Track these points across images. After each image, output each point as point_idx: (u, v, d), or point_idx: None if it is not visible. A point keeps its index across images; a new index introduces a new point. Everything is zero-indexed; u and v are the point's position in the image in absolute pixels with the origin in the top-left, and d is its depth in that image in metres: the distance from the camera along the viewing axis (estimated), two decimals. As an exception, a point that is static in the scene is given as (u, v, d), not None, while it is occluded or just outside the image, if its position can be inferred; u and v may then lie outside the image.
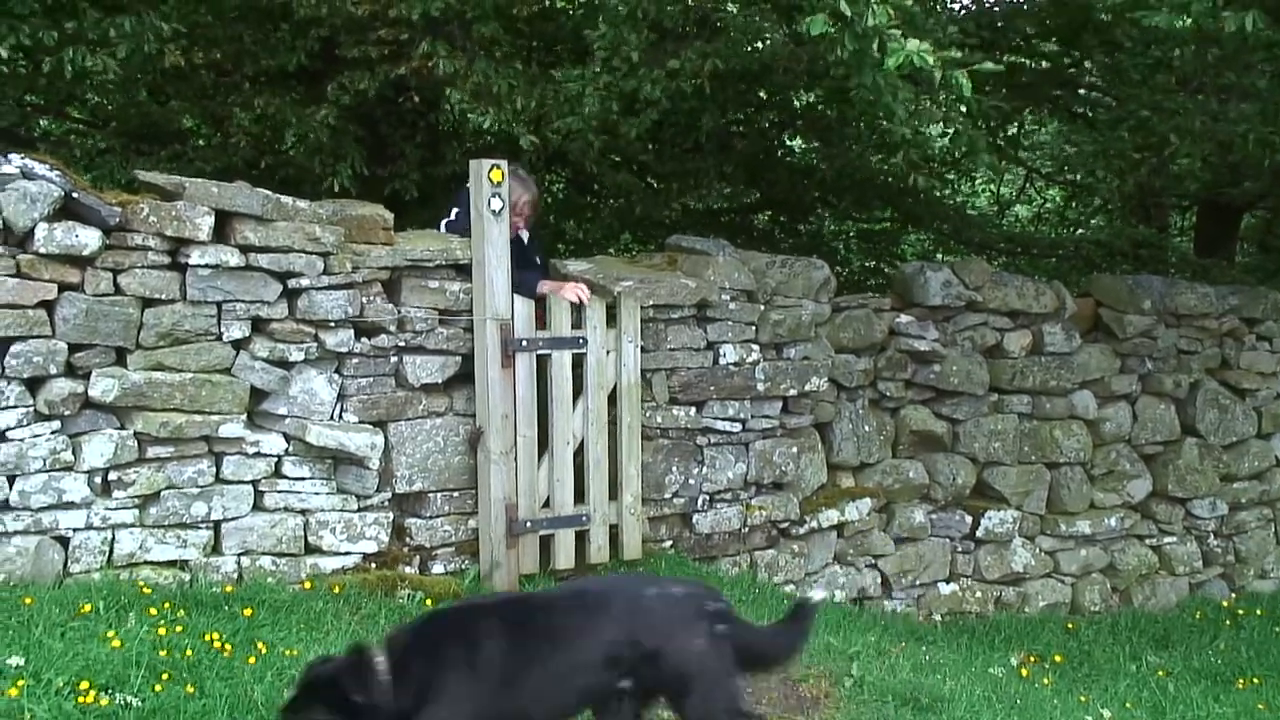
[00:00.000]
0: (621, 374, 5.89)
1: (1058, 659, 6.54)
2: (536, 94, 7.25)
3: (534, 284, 5.90)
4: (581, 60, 7.04)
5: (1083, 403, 7.63)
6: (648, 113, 7.32)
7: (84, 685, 3.78)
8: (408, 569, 5.52)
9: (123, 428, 4.85)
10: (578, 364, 5.81)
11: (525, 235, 6.11)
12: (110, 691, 3.82)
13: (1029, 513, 7.50)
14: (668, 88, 6.93)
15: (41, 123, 9.48)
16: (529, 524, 5.65)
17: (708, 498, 6.40)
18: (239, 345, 5.07)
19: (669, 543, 6.30)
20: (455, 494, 5.65)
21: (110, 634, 4.18)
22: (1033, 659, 6.52)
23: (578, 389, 5.81)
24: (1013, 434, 7.39)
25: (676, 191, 9.73)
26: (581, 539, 5.88)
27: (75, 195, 4.65)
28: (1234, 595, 8.23)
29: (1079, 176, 12.85)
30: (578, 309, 5.80)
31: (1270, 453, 8.45)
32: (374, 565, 5.43)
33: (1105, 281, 8.09)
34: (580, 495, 5.86)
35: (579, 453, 5.84)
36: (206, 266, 4.90)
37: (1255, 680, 6.60)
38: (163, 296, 4.85)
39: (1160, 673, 6.63)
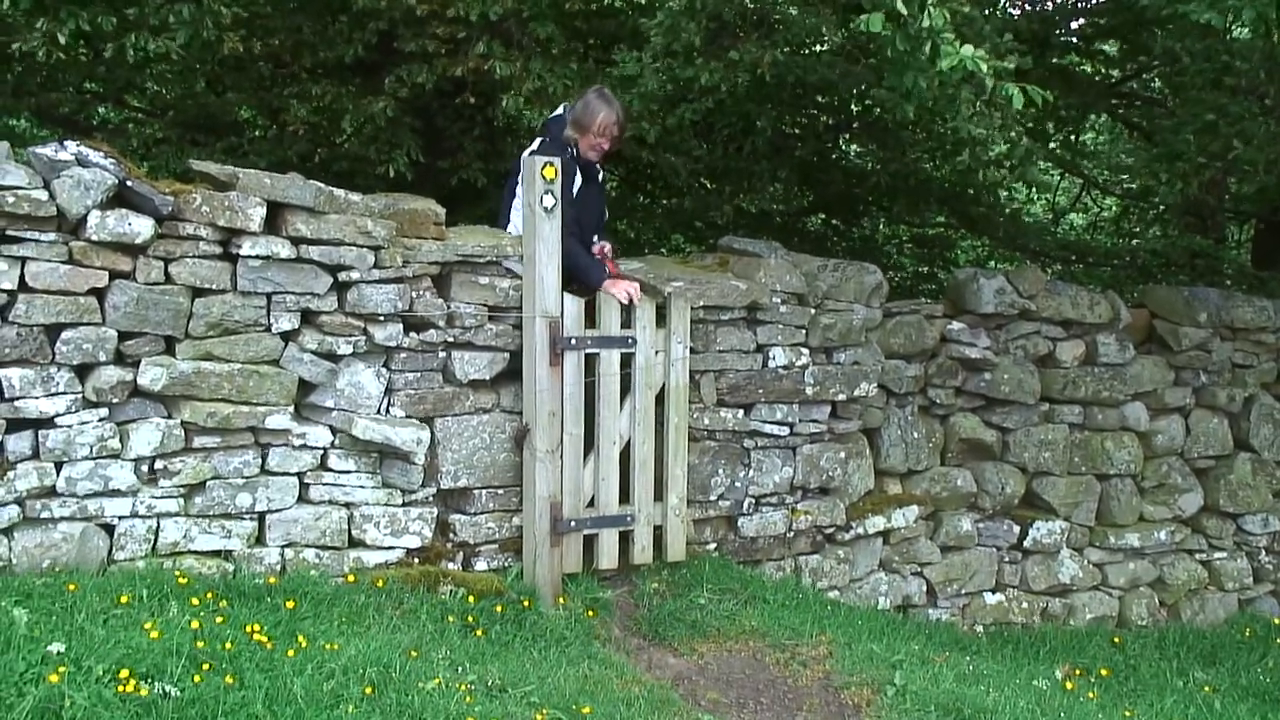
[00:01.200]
0: (670, 374, 5.87)
1: (1104, 673, 6.45)
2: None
3: (590, 247, 6.00)
4: (639, 50, 6.99)
5: (1135, 414, 7.52)
6: (703, 100, 7.28)
7: (124, 674, 3.80)
8: (451, 565, 5.52)
9: (170, 417, 4.88)
10: (626, 363, 5.79)
11: (600, 173, 6.21)
12: (150, 680, 3.83)
13: (1077, 524, 7.40)
14: (726, 77, 6.88)
15: (100, 110, 9.57)
16: (573, 523, 5.65)
17: (753, 501, 6.36)
18: (288, 337, 5.09)
19: (713, 545, 6.27)
20: (500, 491, 5.65)
21: (152, 623, 4.20)
22: (1078, 672, 6.43)
23: (626, 388, 5.79)
24: (1063, 444, 7.29)
25: (729, 193, 9.68)
26: (626, 539, 5.87)
27: (129, 184, 4.68)
28: (1285, 613, 8.08)
29: (1136, 185, 12.67)
30: (627, 308, 5.78)
31: (1325, 470, 8.29)
32: (417, 560, 5.44)
33: (1160, 293, 7.97)
34: (625, 495, 5.84)
35: (625, 453, 5.82)
36: (257, 257, 4.92)
37: (1304, 700, 6.48)
38: (213, 286, 4.88)
39: (1207, 689, 6.52)
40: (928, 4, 5.11)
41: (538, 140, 6.05)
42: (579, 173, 5.97)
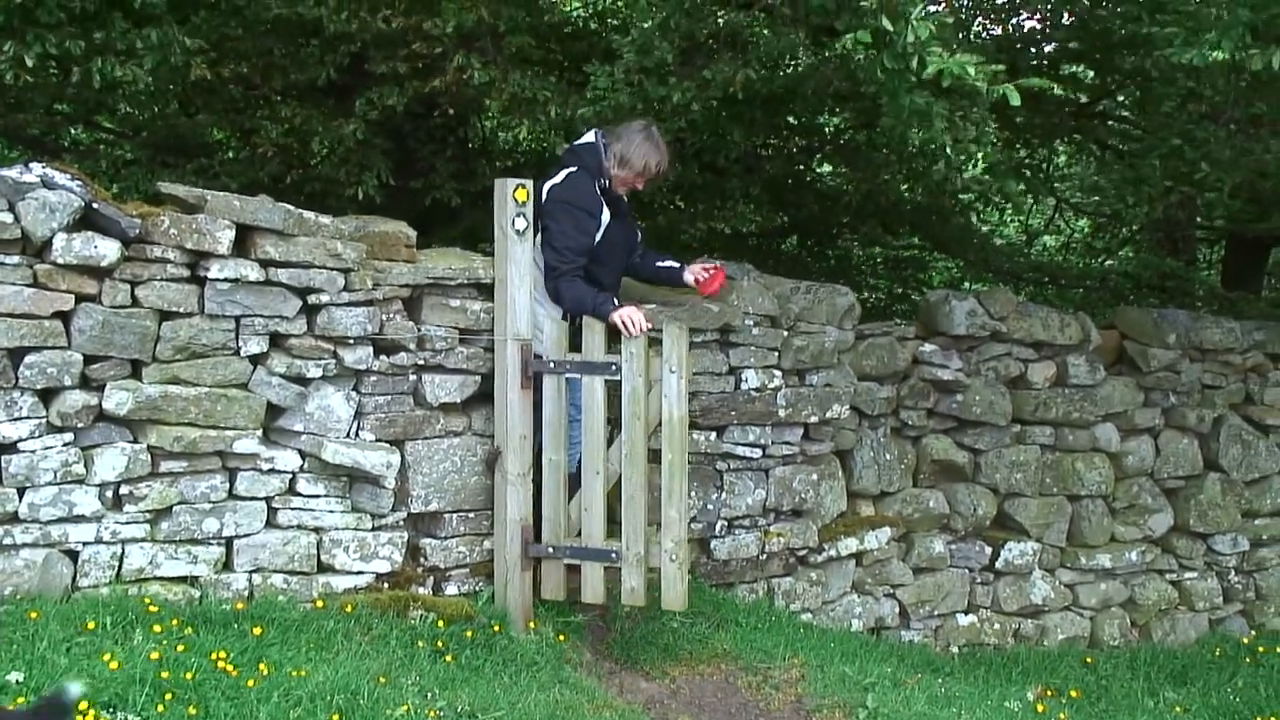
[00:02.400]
0: (664, 407, 5.38)
1: (1074, 694, 6.46)
2: (571, 103, 7.24)
3: (618, 283, 5.98)
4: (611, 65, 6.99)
5: (1105, 435, 7.56)
6: (674, 119, 7.29)
7: (84, 705, 3.75)
8: (421, 589, 5.48)
9: (136, 441, 4.83)
10: (616, 390, 5.54)
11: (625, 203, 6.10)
12: (112, 710, 3.79)
13: (1049, 545, 7.42)
14: (699, 96, 6.89)
15: (71, 131, 9.50)
16: (552, 549, 5.58)
17: (726, 524, 6.34)
18: (256, 360, 5.05)
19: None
20: (471, 515, 5.61)
21: (115, 651, 4.16)
22: (1050, 693, 6.44)
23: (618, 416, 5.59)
24: (1034, 465, 7.32)
25: (702, 212, 9.69)
26: (615, 576, 5.62)
27: (95, 206, 4.64)
28: (1254, 632, 8.12)
29: (1108, 207, 12.77)
30: (613, 332, 5.58)
31: (1293, 490, 8.36)
32: (387, 585, 5.39)
33: (1130, 314, 8.02)
34: (614, 530, 5.60)
35: (618, 485, 5.58)
36: (226, 280, 4.88)
37: (1273, 719, 6.49)
38: (180, 310, 4.84)
39: (1178, 709, 6.54)
40: (912, 17, 5.10)
41: (564, 171, 5.80)
42: (605, 206, 5.81)
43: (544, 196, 5.73)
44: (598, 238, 5.76)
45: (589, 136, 5.94)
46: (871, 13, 5.19)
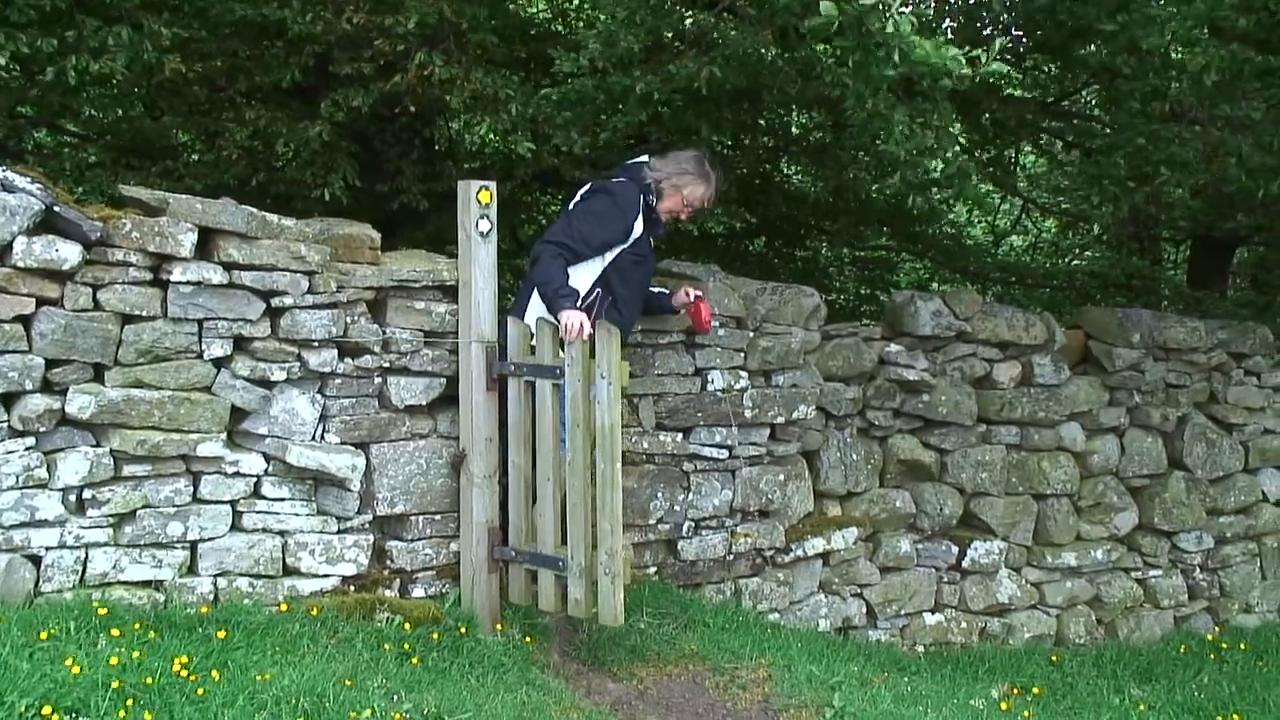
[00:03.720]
0: (596, 414, 5.17)
1: (1039, 692, 6.50)
2: (534, 102, 7.23)
3: (635, 301, 5.79)
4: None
5: (1070, 435, 7.61)
6: (638, 111, 7.28)
7: (47, 709, 3.72)
8: (387, 592, 5.47)
9: (99, 445, 4.80)
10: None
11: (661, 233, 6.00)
12: (74, 716, 3.76)
13: (1015, 544, 7.47)
14: (662, 90, 6.89)
15: (35, 135, 9.44)
16: (515, 553, 5.57)
17: (693, 524, 6.36)
18: (220, 363, 5.03)
19: (653, 569, 6.27)
20: (438, 517, 5.60)
21: (78, 655, 4.13)
22: (1015, 691, 6.48)
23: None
24: (1000, 465, 7.36)
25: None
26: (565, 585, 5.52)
27: (56, 209, 4.61)
28: (1218, 629, 8.19)
29: (1073, 206, 12.87)
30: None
31: (1256, 487, 8.44)
32: (353, 588, 5.37)
33: (1094, 314, 8.08)
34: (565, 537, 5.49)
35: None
36: (189, 283, 4.86)
37: (1236, 716, 6.55)
38: (143, 313, 4.81)
39: (1142, 706, 6.58)
40: (894, 8, 5.05)
41: (616, 180, 5.75)
42: (642, 223, 5.69)
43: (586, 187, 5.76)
44: (621, 248, 5.64)
45: (641, 158, 5.90)
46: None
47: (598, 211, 5.64)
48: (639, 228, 5.69)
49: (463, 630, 5.35)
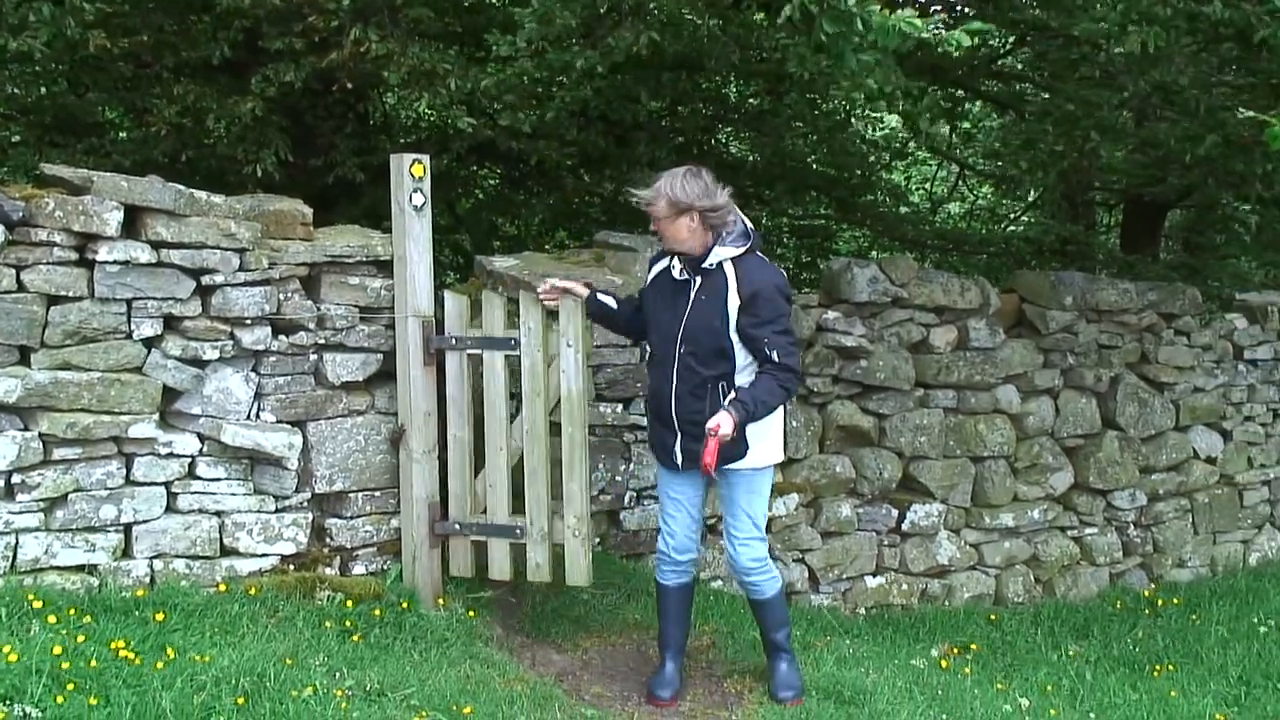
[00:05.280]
0: (563, 382, 5.34)
1: (977, 649, 6.60)
2: (471, 75, 7.17)
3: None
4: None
5: (1006, 397, 7.70)
6: (580, 88, 7.24)
7: (-20, 697, 3.70)
8: (328, 570, 5.44)
9: (27, 429, 4.72)
10: (517, 365, 5.55)
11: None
12: (9, 702, 3.72)
13: (954, 506, 7.55)
14: (603, 62, 6.86)
15: (-44, 115, 9.25)
16: (458, 526, 5.57)
17: (635, 495, 6.38)
18: (150, 343, 4.96)
19: (596, 540, 6.27)
20: (377, 494, 5.58)
21: (12, 643, 4.08)
22: (955, 650, 6.58)
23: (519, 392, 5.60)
24: (938, 428, 7.44)
25: (609, 177, 9.67)
26: (522, 553, 5.61)
27: (-24, 190, 4.53)
28: (1152, 585, 8.35)
29: (1008, 171, 13.00)
30: (514, 306, 5.57)
31: (1187, 445, 8.59)
32: (292, 567, 5.35)
33: (1028, 278, 8.17)
34: (520, 506, 5.58)
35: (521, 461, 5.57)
36: (116, 263, 4.79)
37: (1170, 667, 6.70)
38: (70, 294, 4.73)
39: (1079, 661, 6.71)
40: None
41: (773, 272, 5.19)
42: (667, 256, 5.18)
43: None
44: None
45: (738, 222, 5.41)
46: None
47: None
48: (663, 264, 5.26)
49: (405, 606, 5.34)
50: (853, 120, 11.25)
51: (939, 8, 8.94)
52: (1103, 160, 8.84)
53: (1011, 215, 15.28)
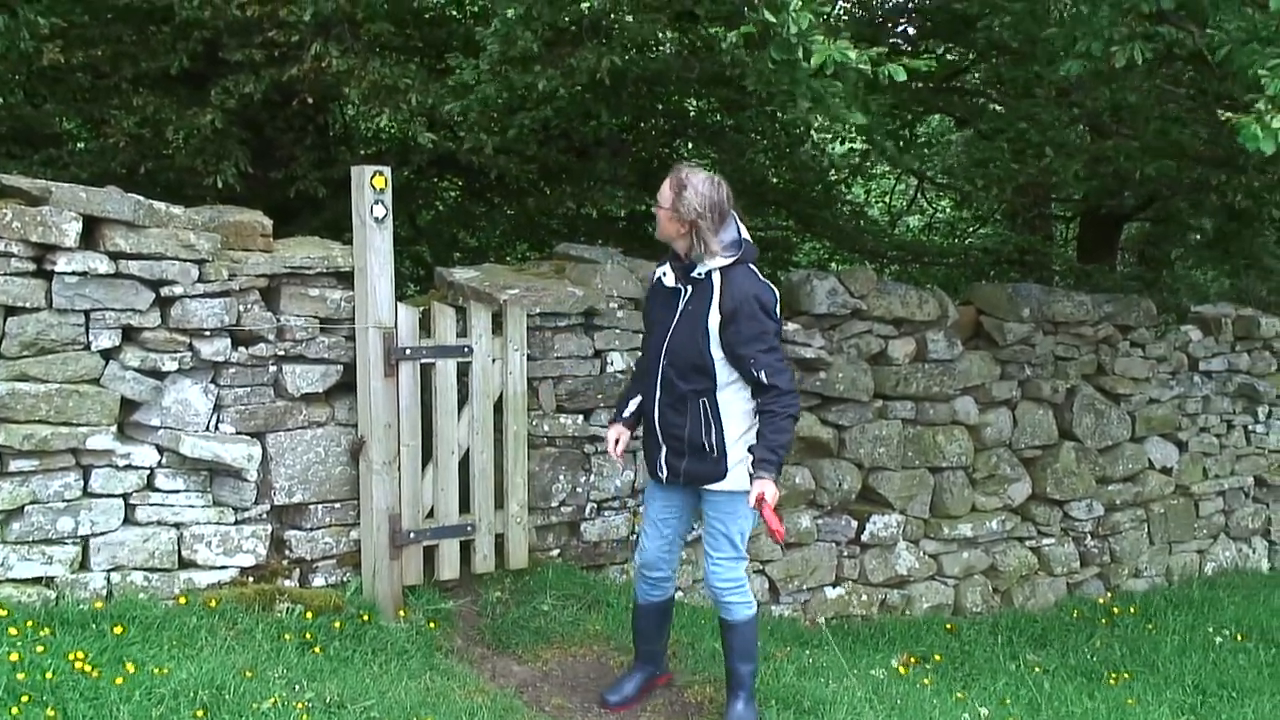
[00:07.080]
0: (508, 382, 5.86)
1: (938, 659, 6.65)
2: (433, 91, 7.18)
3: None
4: (475, 57, 6.95)
5: (964, 408, 7.77)
6: (541, 108, 7.27)
7: (-66, 711, 3.66)
8: (287, 582, 5.42)
9: (-18, 441, 4.70)
10: (464, 373, 5.76)
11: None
12: (-38, 715, 3.70)
13: (913, 517, 7.61)
14: (565, 83, 6.89)
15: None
16: (412, 534, 5.60)
17: (595, 506, 6.39)
18: (109, 355, 4.94)
19: (556, 551, 6.29)
20: (337, 505, 5.57)
21: (-34, 655, 4.05)
22: (914, 660, 6.63)
23: (465, 397, 5.76)
24: (897, 439, 7.50)
25: (570, 194, 9.70)
26: (467, 549, 5.84)
27: (-67, 201, 4.50)
28: (1109, 594, 8.44)
29: (964, 185, 13.13)
30: (462, 317, 5.75)
31: (1143, 455, 8.71)
32: (252, 579, 5.33)
33: (985, 290, 8.27)
34: (466, 505, 5.81)
35: (465, 462, 5.79)
36: (74, 274, 4.76)
37: (1127, 675, 6.78)
38: (27, 305, 4.71)
39: (1037, 670, 6.78)
40: (790, 8, 5.09)
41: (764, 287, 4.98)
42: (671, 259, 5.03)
43: None
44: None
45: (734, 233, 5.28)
46: (754, 6, 5.21)
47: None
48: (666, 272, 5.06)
49: (365, 618, 5.33)
50: (812, 134, 11.33)
51: (904, 31, 9.06)
52: (1056, 177, 8.95)
53: (970, 230, 15.42)
